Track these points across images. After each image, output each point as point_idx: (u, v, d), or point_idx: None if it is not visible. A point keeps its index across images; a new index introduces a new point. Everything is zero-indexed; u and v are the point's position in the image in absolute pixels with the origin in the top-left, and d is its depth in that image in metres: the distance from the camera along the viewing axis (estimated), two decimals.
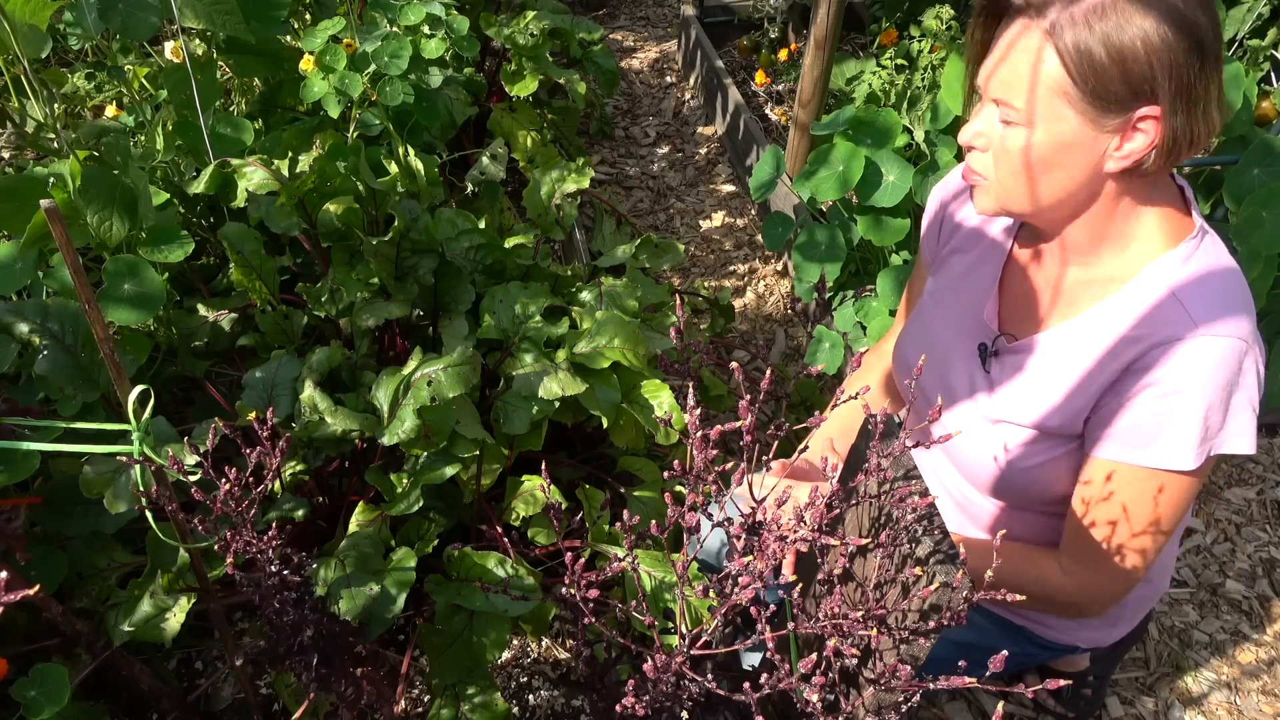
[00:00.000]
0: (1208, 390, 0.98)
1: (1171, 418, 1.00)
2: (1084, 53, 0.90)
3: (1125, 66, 0.90)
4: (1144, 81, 0.90)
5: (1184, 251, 1.02)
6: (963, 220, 1.24)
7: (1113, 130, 0.94)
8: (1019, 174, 1.00)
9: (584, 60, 2.77)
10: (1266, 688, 1.70)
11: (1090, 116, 0.93)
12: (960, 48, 1.79)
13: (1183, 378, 0.98)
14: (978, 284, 1.20)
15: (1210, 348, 0.97)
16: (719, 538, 1.45)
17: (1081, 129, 0.94)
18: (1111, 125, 0.94)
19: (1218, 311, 0.98)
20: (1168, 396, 0.99)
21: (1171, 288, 1.01)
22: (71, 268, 0.79)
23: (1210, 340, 0.97)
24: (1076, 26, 0.90)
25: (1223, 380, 0.98)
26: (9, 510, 1.10)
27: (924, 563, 0.84)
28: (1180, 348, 0.98)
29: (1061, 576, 1.14)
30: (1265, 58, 2.09)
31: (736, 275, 2.63)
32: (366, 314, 1.50)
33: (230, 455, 1.41)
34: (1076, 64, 0.91)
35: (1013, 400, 1.13)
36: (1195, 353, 0.97)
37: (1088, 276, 1.08)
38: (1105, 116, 0.93)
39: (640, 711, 0.95)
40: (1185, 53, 0.89)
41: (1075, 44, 0.91)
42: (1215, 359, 0.97)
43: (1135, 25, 0.89)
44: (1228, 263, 1.03)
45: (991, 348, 1.17)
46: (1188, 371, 0.98)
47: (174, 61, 1.93)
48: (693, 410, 0.85)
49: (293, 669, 1.18)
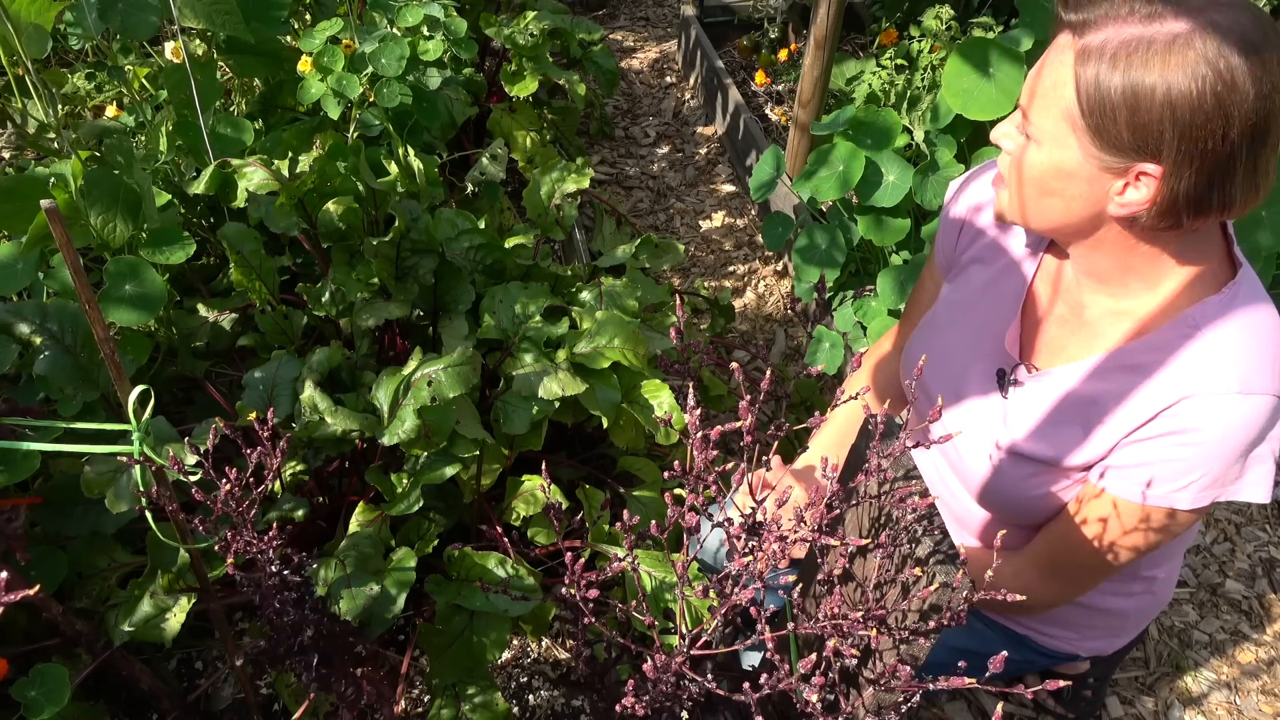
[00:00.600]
0: (1233, 445, 0.96)
1: (1190, 465, 0.98)
2: (1099, 86, 0.86)
3: (1135, 114, 0.84)
4: (1151, 135, 0.85)
5: (1224, 298, 0.97)
6: (986, 229, 1.19)
7: (1113, 173, 0.90)
8: (1023, 187, 0.97)
9: (584, 60, 2.77)
10: (1266, 688, 1.70)
11: (1091, 152, 0.89)
12: (960, 47, 1.79)
13: (1209, 432, 0.95)
14: (999, 303, 1.16)
15: (1245, 406, 0.94)
16: (719, 538, 1.45)
17: (1081, 162, 0.91)
18: (1112, 167, 0.89)
19: (1256, 367, 0.94)
20: (1190, 446, 0.97)
21: (1211, 338, 0.96)
22: (72, 268, 0.79)
23: (1246, 399, 0.94)
24: (1104, 58, 0.85)
25: (1252, 438, 0.96)
26: (9, 510, 1.10)
27: (924, 563, 0.84)
28: (1215, 403, 0.94)
29: (1010, 578, 1.13)
30: None
31: (736, 275, 2.63)
32: (366, 314, 1.50)
33: (230, 455, 1.41)
34: (1089, 95, 0.86)
35: (1029, 431, 1.09)
36: (1228, 410, 0.94)
37: (1116, 308, 1.03)
38: (1106, 155, 0.89)
39: (640, 711, 0.95)
40: (1208, 115, 0.82)
41: (1095, 75, 0.86)
42: (1246, 418, 0.94)
43: (1159, 72, 0.83)
44: (1266, 309, 0.98)
45: (1011, 375, 1.13)
46: (1218, 427, 0.95)
47: (174, 61, 1.94)
48: (693, 410, 0.85)
49: (293, 669, 1.18)
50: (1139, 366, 1.00)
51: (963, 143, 1.91)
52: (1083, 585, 1.15)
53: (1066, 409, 1.07)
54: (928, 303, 1.31)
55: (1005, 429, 1.12)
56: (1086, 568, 1.10)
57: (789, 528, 0.85)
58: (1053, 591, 1.15)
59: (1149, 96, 0.83)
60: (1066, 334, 1.09)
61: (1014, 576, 1.14)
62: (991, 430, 1.14)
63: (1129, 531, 1.04)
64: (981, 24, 2.23)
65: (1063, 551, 1.11)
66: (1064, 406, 1.07)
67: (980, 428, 1.15)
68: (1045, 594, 1.15)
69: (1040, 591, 1.14)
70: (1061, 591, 1.15)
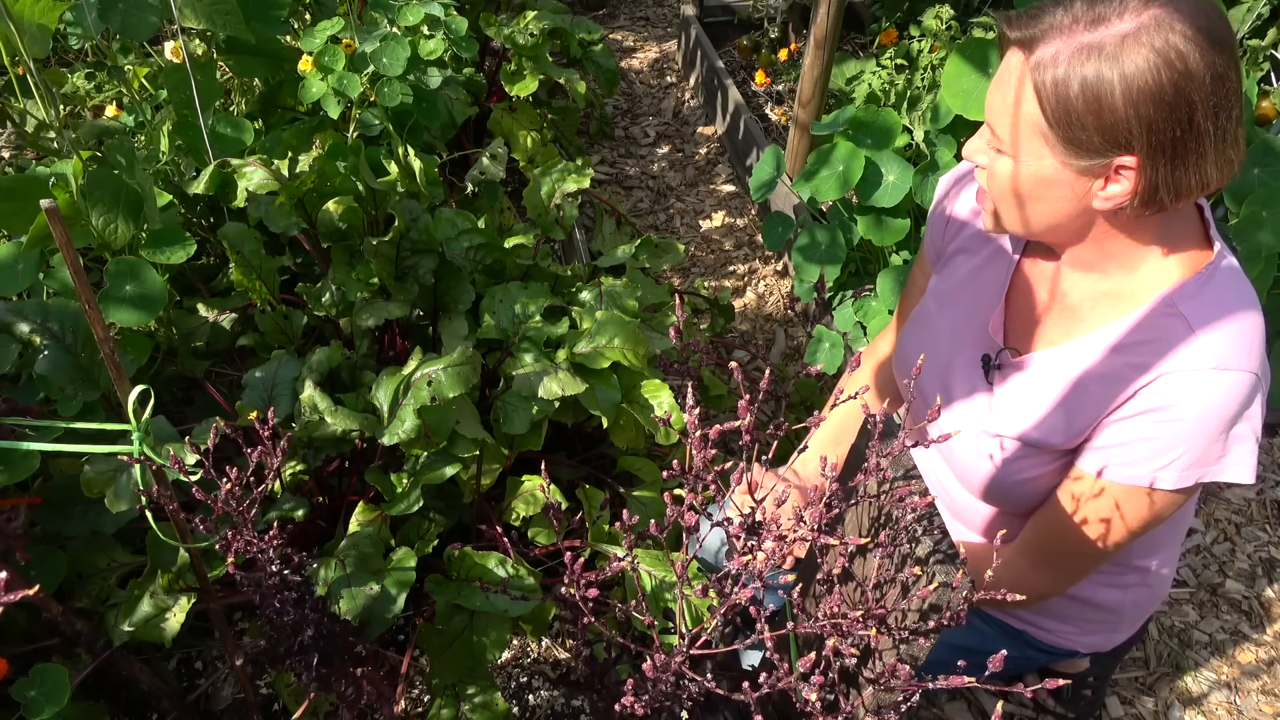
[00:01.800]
0: (1212, 422, 0.97)
1: (1171, 442, 0.99)
2: (1060, 97, 0.88)
3: (1101, 116, 0.87)
4: (1120, 132, 0.87)
5: (1201, 278, 1.00)
6: (969, 219, 1.23)
7: (1092, 174, 0.92)
8: (1007, 199, 1.00)
9: (584, 60, 2.77)
10: (1266, 688, 1.70)
11: (1067, 159, 0.92)
12: (960, 47, 1.79)
13: (1189, 408, 0.97)
14: (983, 291, 1.19)
15: (1221, 382, 0.96)
16: (718, 537, 1.45)
17: (1060, 169, 0.93)
18: (1090, 168, 0.92)
19: (1233, 344, 0.96)
20: (1171, 423, 0.98)
21: (1187, 317, 0.98)
22: (72, 268, 0.79)
23: (1222, 374, 0.95)
24: (1058, 67, 0.88)
25: (1230, 414, 0.97)
26: (9, 510, 1.10)
27: (923, 562, 0.84)
28: (1191, 379, 0.96)
29: (1002, 569, 1.14)
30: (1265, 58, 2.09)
31: (736, 275, 2.63)
32: (366, 314, 1.50)
33: (230, 455, 1.41)
34: (1053, 108, 0.89)
35: (1014, 416, 1.12)
36: (1206, 385, 0.96)
37: (1096, 290, 1.06)
38: (1082, 160, 0.91)
39: (640, 711, 0.95)
40: (1170, 106, 0.86)
41: (1054, 86, 0.88)
42: (1225, 393, 0.96)
43: (1116, 72, 0.85)
44: (1244, 290, 1.00)
45: (995, 360, 1.15)
46: (1195, 403, 0.96)
47: (174, 61, 1.94)
48: (692, 410, 0.85)
49: (293, 669, 1.18)
50: (1119, 347, 1.03)
51: (962, 143, 1.91)
52: (1075, 573, 1.15)
53: (1050, 392, 1.09)
54: (918, 297, 1.34)
55: (991, 415, 1.14)
56: (1077, 554, 1.11)
57: (788, 527, 0.85)
58: (1046, 581, 1.15)
59: (1110, 97, 0.86)
60: (1049, 319, 1.11)
61: (1006, 567, 1.15)
62: (978, 417, 1.16)
63: (1115, 514, 1.05)
64: (981, 24, 2.23)
65: (1051, 539, 1.12)
66: (1047, 390, 1.09)
67: (968, 415, 1.17)
68: (1039, 584, 1.15)
69: (1034, 581, 1.15)
70: (1055, 580, 1.16)
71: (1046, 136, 0.92)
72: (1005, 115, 0.94)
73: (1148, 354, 1.00)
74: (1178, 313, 0.99)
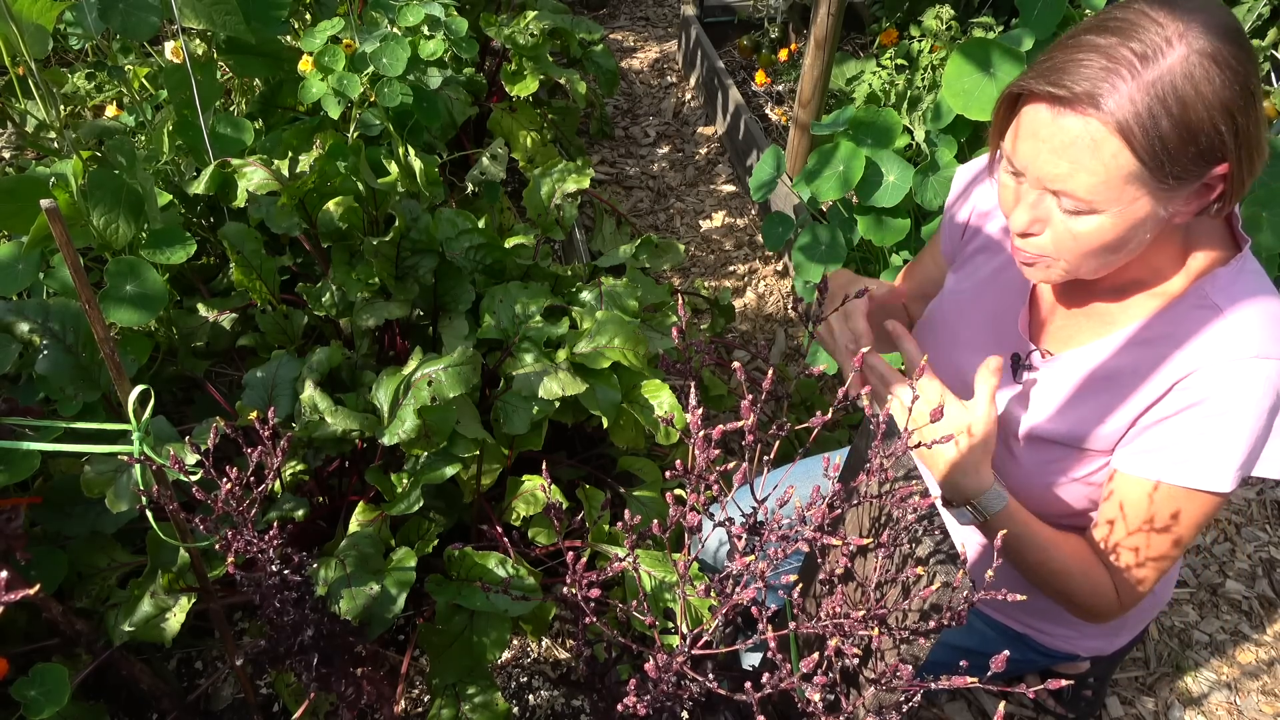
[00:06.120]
0: (1255, 413, 0.96)
1: (1217, 439, 0.98)
2: (1152, 137, 0.86)
3: (1197, 141, 0.87)
4: (1215, 148, 0.88)
5: (1232, 270, 1.00)
6: (990, 219, 1.21)
7: (1187, 196, 0.92)
8: (1093, 254, 0.96)
9: (584, 60, 2.77)
10: (1266, 688, 1.70)
11: (1162, 193, 0.90)
12: (961, 47, 1.79)
13: (1230, 400, 0.96)
14: (1007, 291, 1.17)
15: (1261, 371, 0.95)
16: (719, 537, 1.45)
17: (1156, 207, 0.91)
18: (1187, 192, 0.91)
19: (1272, 333, 0.96)
20: (1214, 417, 0.97)
21: (1221, 306, 0.98)
22: (72, 268, 0.79)
23: (1261, 364, 0.95)
24: (1139, 111, 0.86)
25: (1271, 404, 0.96)
26: (9, 510, 1.10)
27: (924, 563, 0.84)
28: (1230, 369, 0.96)
29: (1090, 595, 1.11)
30: (1265, 58, 2.09)
31: (736, 275, 2.63)
32: (366, 314, 1.50)
33: (230, 455, 1.41)
34: (1147, 150, 0.87)
35: (1047, 416, 1.10)
36: (1245, 375, 0.95)
37: (1126, 290, 1.05)
38: (1181, 189, 0.90)
39: (641, 711, 0.95)
40: (1243, 105, 0.87)
41: (1142, 131, 0.86)
42: (1265, 383, 0.95)
43: (1193, 94, 0.85)
44: (1270, 285, 1.00)
45: (1025, 360, 1.14)
46: (1236, 394, 0.96)
47: (174, 61, 1.94)
48: (695, 410, 0.85)
49: (293, 669, 1.18)
50: (1153, 340, 1.02)
51: (963, 143, 1.91)
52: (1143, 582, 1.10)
53: (1084, 389, 1.08)
54: (923, 275, 1.34)
55: (1022, 414, 1.13)
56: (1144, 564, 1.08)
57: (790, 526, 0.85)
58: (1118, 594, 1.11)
59: (1199, 119, 0.86)
60: (1078, 318, 1.10)
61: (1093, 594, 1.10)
62: (1007, 419, 1.14)
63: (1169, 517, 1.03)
64: (982, 24, 2.23)
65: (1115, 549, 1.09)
66: (1081, 387, 1.08)
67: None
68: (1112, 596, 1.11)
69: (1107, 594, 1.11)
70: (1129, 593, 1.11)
71: (1142, 180, 0.89)
72: (1085, 176, 0.90)
73: (1185, 345, 0.99)
74: (1211, 304, 0.99)
